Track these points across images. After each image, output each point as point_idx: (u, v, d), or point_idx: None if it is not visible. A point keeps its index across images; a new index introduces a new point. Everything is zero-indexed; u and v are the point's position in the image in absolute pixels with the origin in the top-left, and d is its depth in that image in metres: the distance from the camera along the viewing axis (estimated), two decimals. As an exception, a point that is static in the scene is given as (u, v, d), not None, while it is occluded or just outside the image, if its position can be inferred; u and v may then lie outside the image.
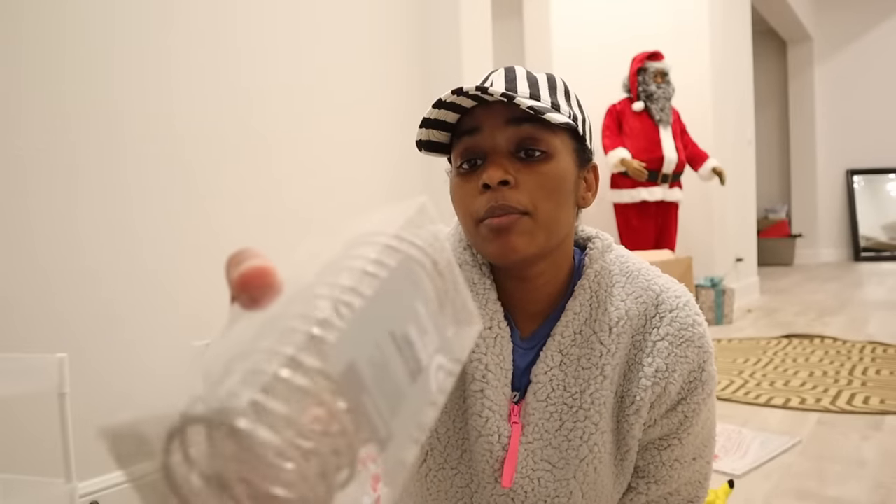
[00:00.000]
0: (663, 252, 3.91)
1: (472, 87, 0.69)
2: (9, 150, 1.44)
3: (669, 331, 0.77)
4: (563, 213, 0.74)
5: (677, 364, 0.76)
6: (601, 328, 0.77)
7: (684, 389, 0.77)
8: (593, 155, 0.81)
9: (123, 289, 1.61)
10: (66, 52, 1.53)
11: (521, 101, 0.68)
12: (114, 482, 1.57)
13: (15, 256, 1.44)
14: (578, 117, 0.76)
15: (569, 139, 0.75)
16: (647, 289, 0.79)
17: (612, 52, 4.67)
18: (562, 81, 0.78)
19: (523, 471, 0.76)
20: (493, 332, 0.77)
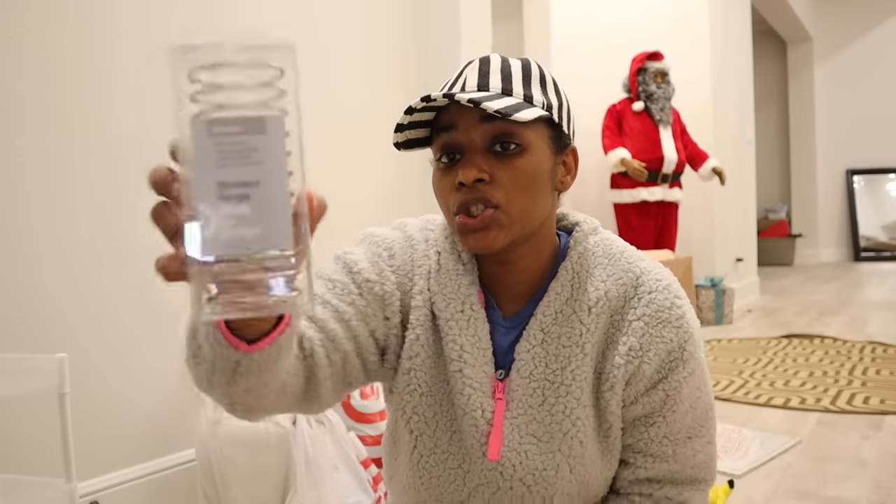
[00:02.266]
0: (663, 252, 3.92)
1: (440, 95, 0.72)
2: (9, 151, 1.44)
3: (646, 311, 0.79)
4: (538, 204, 0.77)
5: (652, 344, 0.78)
6: (581, 308, 0.80)
7: (663, 368, 0.78)
8: (571, 139, 0.82)
9: (124, 289, 1.61)
10: (66, 53, 1.53)
11: (488, 106, 0.70)
12: (114, 482, 1.57)
13: (15, 256, 1.44)
14: (554, 104, 0.78)
15: (544, 128, 0.77)
16: (627, 270, 0.81)
17: (612, 52, 4.67)
18: (537, 68, 0.79)
19: (510, 444, 0.79)
20: (465, 314, 0.81)
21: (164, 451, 1.69)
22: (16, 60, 1.45)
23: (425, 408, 0.83)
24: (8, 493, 1.24)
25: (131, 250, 1.63)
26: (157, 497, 1.65)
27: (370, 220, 2.55)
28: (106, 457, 1.57)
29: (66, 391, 1.19)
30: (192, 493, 1.69)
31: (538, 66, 0.80)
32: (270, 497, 1.60)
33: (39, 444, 1.42)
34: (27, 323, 1.45)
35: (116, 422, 1.59)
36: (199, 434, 1.63)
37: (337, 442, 1.58)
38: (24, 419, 1.43)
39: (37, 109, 1.48)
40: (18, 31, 1.45)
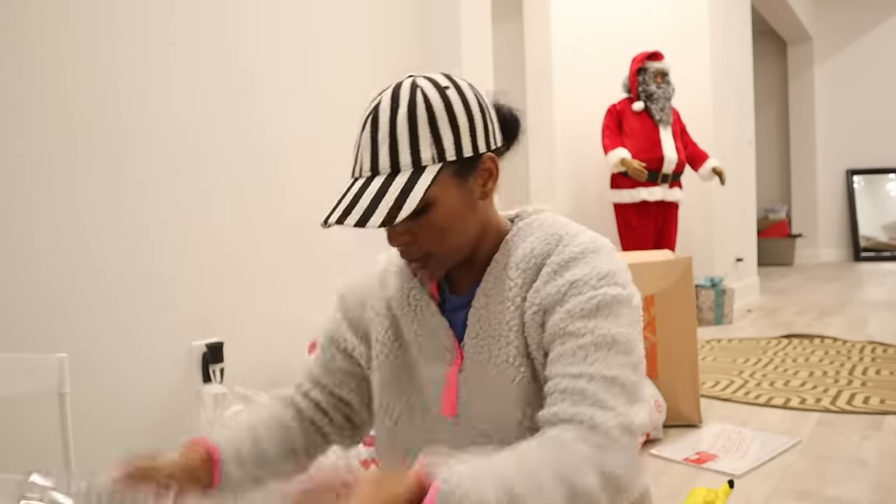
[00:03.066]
0: (663, 252, 3.90)
1: (333, 220, 0.81)
2: (9, 151, 1.44)
3: (556, 259, 0.86)
4: (463, 234, 0.87)
5: (554, 280, 0.84)
6: (511, 266, 0.88)
7: (563, 300, 0.82)
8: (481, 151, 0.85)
9: (124, 289, 1.61)
10: (67, 53, 1.53)
11: (371, 225, 0.78)
12: (114, 482, 1.57)
13: (16, 256, 1.44)
14: (447, 142, 0.82)
15: (444, 173, 0.83)
16: (553, 233, 0.89)
17: (612, 52, 4.67)
18: (424, 108, 0.82)
19: (466, 400, 0.88)
20: (411, 304, 0.93)
21: (164, 451, 1.69)
22: (16, 60, 1.45)
23: (398, 394, 0.95)
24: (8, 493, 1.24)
25: (131, 250, 1.63)
26: (157, 497, 1.65)
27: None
28: (106, 457, 1.57)
29: (66, 391, 1.19)
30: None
31: (427, 102, 0.82)
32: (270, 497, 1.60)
33: (39, 444, 1.42)
34: (27, 323, 1.45)
35: (116, 422, 1.59)
36: (199, 434, 1.63)
37: (337, 442, 1.58)
38: (24, 419, 1.43)
39: (37, 109, 1.48)
40: (18, 31, 1.45)
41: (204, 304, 1.78)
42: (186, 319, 1.74)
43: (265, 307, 1.95)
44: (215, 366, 1.76)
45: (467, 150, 0.84)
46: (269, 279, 1.96)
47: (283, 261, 2.01)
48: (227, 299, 1.85)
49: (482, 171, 0.87)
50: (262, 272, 1.94)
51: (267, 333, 1.95)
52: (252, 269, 1.92)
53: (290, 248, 2.03)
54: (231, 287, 1.86)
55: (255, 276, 1.92)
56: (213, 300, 1.81)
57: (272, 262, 1.97)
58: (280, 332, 1.98)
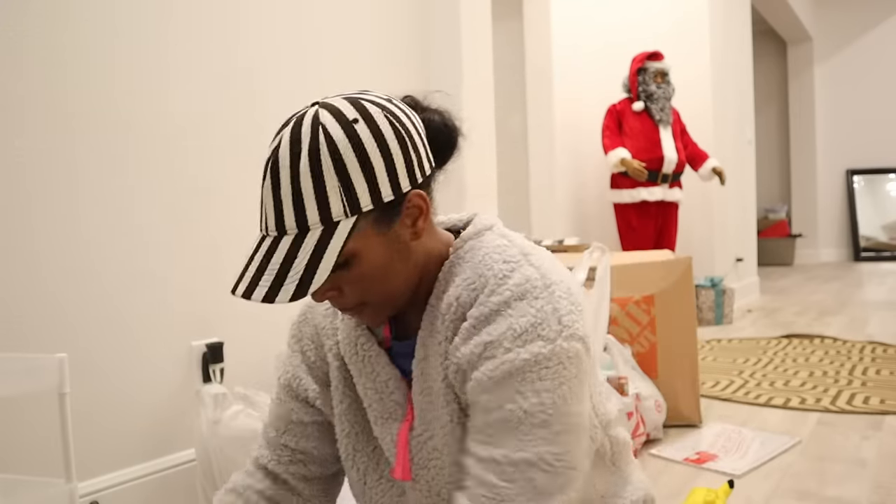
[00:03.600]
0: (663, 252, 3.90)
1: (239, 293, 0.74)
2: (9, 151, 1.44)
3: (476, 313, 0.76)
4: (394, 280, 0.77)
5: (471, 339, 0.75)
6: (437, 317, 0.80)
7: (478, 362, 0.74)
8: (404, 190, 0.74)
9: (124, 289, 1.61)
10: (66, 53, 1.53)
11: (280, 301, 0.70)
12: (114, 482, 1.57)
13: (15, 256, 1.44)
14: (361, 192, 0.70)
15: (360, 223, 0.72)
16: (480, 275, 0.77)
17: (612, 52, 4.67)
18: (328, 153, 0.70)
19: (419, 462, 0.81)
20: (359, 354, 0.85)
21: (164, 451, 1.69)
22: (16, 60, 1.45)
23: (362, 445, 0.88)
24: (8, 493, 1.24)
25: (132, 250, 1.63)
26: (157, 497, 1.65)
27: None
28: (106, 457, 1.57)
29: (66, 391, 1.19)
30: (192, 493, 1.69)
31: (331, 146, 0.70)
32: (270, 497, 1.60)
33: (39, 444, 1.42)
34: (28, 322, 1.45)
35: (116, 422, 1.59)
36: (199, 434, 1.63)
37: (337, 442, 1.58)
38: (24, 419, 1.43)
39: (37, 109, 1.48)
40: (18, 31, 1.45)
41: (204, 305, 1.78)
42: (186, 319, 1.74)
43: (265, 307, 1.95)
44: (215, 366, 1.76)
45: (387, 195, 0.72)
46: (269, 279, 1.96)
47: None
48: (227, 299, 1.85)
49: (410, 210, 0.76)
50: (262, 272, 1.94)
51: (267, 333, 1.95)
52: (252, 269, 1.91)
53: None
54: (231, 287, 1.85)
55: (255, 276, 1.92)
56: (213, 300, 1.81)
57: (272, 262, 1.97)
58: (280, 332, 1.98)
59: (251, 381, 1.82)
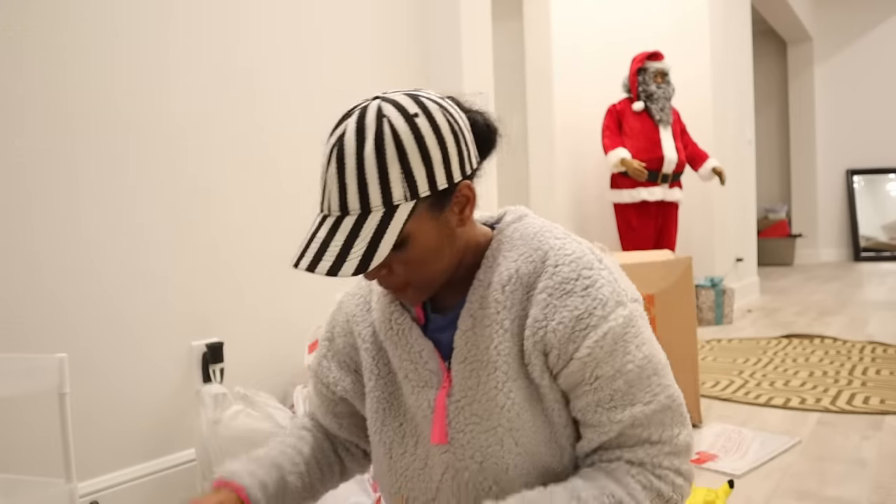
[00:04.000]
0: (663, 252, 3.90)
1: (303, 266, 0.78)
2: (9, 151, 1.44)
3: (549, 284, 0.83)
4: (440, 264, 0.84)
5: (556, 313, 0.81)
6: (496, 288, 0.85)
7: (576, 337, 0.81)
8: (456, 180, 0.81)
9: (124, 289, 1.61)
10: (66, 53, 1.53)
11: (343, 274, 0.75)
12: (114, 482, 1.57)
13: (15, 256, 1.44)
14: (419, 177, 0.77)
15: (419, 205, 0.79)
16: (536, 248, 0.86)
17: (612, 52, 4.67)
18: (392, 140, 0.77)
19: (456, 426, 0.86)
20: (394, 328, 0.91)
21: (164, 451, 1.69)
22: (16, 60, 1.45)
23: (389, 420, 0.94)
24: (8, 493, 1.24)
25: (132, 250, 1.63)
26: (157, 497, 1.65)
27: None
28: (106, 457, 1.57)
29: (66, 391, 1.19)
30: (192, 494, 1.69)
31: (394, 135, 0.77)
32: (270, 497, 1.60)
33: (39, 444, 1.42)
34: (28, 323, 1.45)
35: (116, 422, 1.59)
36: (199, 434, 1.63)
37: (337, 442, 1.58)
38: (24, 419, 1.43)
39: (37, 109, 1.48)
40: (18, 31, 1.45)
41: (204, 305, 1.78)
42: (186, 319, 1.74)
43: (265, 307, 1.95)
44: (215, 366, 1.77)
45: (441, 183, 0.79)
46: (269, 279, 1.96)
47: (283, 260, 2.01)
48: (227, 299, 1.85)
49: (458, 199, 0.83)
50: (261, 272, 1.94)
51: (267, 333, 1.95)
52: (252, 269, 1.92)
53: (290, 248, 2.03)
54: (231, 287, 1.86)
55: (255, 276, 1.92)
56: (212, 300, 1.81)
57: (272, 262, 1.97)
58: (280, 332, 1.98)
59: (251, 381, 1.82)
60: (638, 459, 0.82)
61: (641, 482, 0.81)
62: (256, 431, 1.59)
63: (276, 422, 1.62)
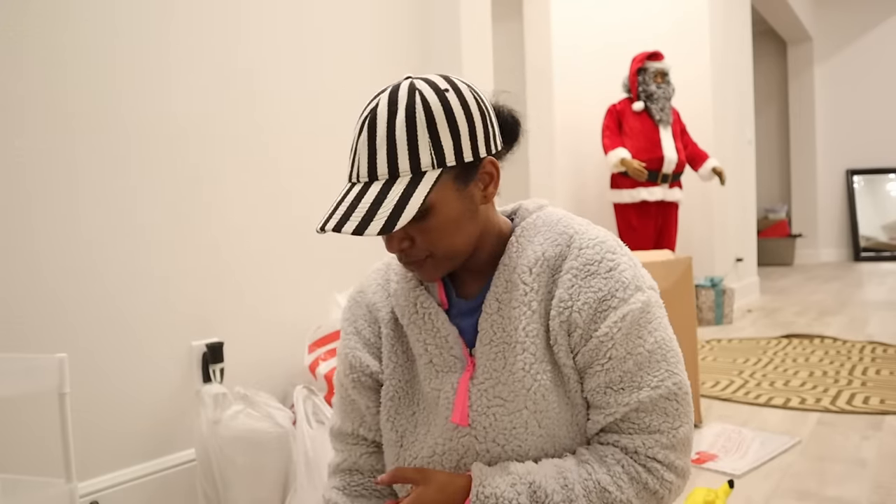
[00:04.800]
0: (663, 252, 3.91)
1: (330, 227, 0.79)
2: (9, 151, 1.44)
3: (574, 265, 0.86)
4: (461, 238, 0.86)
5: (580, 293, 0.84)
6: (523, 270, 0.87)
7: (598, 317, 0.84)
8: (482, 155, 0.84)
9: (124, 289, 1.61)
10: (66, 53, 1.53)
11: (369, 233, 0.77)
12: (114, 482, 1.57)
13: (16, 256, 1.44)
14: (447, 147, 0.80)
15: (444, 178, 0.82)
16: (562, 233, 0.89)
17: (612, 52, 4.67)
18: (423, 112, 0.80)
19: (478, 409, 0.86)
20: (419, 313, 0.91)
21: (164, 451, 1.69)
22: (16, 60, 1.45)
23: (403, 408, 0.94)
24: (8, 493, 1.24)
25: (132, 250, 1.63)
26: (157, 497, 1.65)
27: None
28: (106, 457, 1.57)
29: (66, 391, 1.19)
30: (192, 493, 1.69)
31: (425, 106, 0.80)
32: (270, 497, 1.60)
33: (39, 444, 1.43)
34: (28, 323, 1.45)
35: (116, 422, 1.59)
36: (199, 434, 1.63)
37: (337, 442, 1.57)
38: (24, 419, 1.43)
39: (37, 109, 1.48)
40: (18, 31, 1.45)
41: (204, 305, 1.78)
42: (186, 319, 1.74)
43: (265, 307, 1.95)
44: (215, 366, 1.77)
45: (467, 155, 0.82)
46: (270, 279, 1.96)
47: (284, 261, 2.01)
48: (227, 299, 1.85)
49: (483, 175, 0.86)
50: (262, 272, 1.94)
51: (267, 333, 1.95)
52: (252, 269, 1.92)
53: (290, 248, 2.03)
54: (231, 287, 1.86)
55: (255, 276, 1.92)
56: (212, 300, 1.81)
57: (272, 262, 1.97)
58: (280, 332, 1.98)
59: (251, 381, 1.82)
60: (633, 447, 0.84)
61: (629, 473, 0.83)
62: (256, 431, 1.60)
63: (276, 422, 1.62)
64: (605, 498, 0.81)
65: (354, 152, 0.83)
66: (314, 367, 1.85)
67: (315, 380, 1.84)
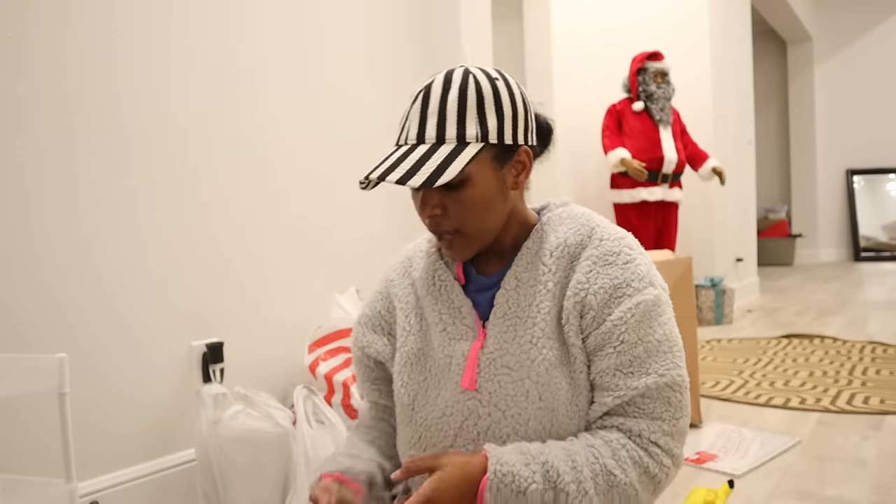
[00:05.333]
0: (663, 252, 3.91)
1: (375, 176, 0.86)
2: (9, 151, 1.44)
3: (594, 253, 0.91)
4: (491, 217, 0.92)
5: (597, 278, 0.90)
6: (545, 254, 0.94)
7: (611, 303, 0.89)
8: (523, 142, 0.92)
9: (124, 289, 1.61)
10: (66, 53, 1.53)
11: (411, 185, 0.83)
12: (114, 482, 1.57)
13: (15, 256, 1.44)
14: (491, 126, 0.88)
15: (485, 153, 0.88)
16: (584, 224, 0.95)
17: (612, 52, 4.67)
18: (475, 92, 0.88)
19: (485, 375, 0.91)
20: (436, 285, 0.98)
21: (164, 451, 1.69)
22: (16, 60, 1.45)
23: (415, 375, 0.98)
24: (8, 493, 1.25)
25: (132, 250, 1.63)
26: (157, 497, 1.65)
27: (370, 214, 2.55)
28: (106, 457, 1.57)
29: (66, 391, 1.19)
30: (192, 493, 1.69)
31: (478, 87, 0.88)
32: (270, 497, 1.60)
33: (39, 444, 1.42)
34: (27, 322, 1.45)
35: (116, 422, 1.59)
36: (199, 434, 1.63)
37: (337, 442, 1.58)
38: (24, 419, 1.43)
39: (37, 109, 1.48)
40: (18, 31, 1.45)
41: (204, 304, 1.78)
42: (186, 319, 1.74)
43: (265, 307, 1.95)
44: (215, 366, 1.77)
45: (508, 138, 0.89)
46: (269, 279, 1.96)
47: (284, 261, 2.01)
48: (227, 299, 1.85)
49: (517, 162, 0.92)
50: (262, 272, 1.94)
51: (267, 333, 1.95)
52: (252, 269, 1.92)
53: (290, 248, 2.03)
54: (231, 287, 1.86)
55: (255, 276, 1.92)
56: (212, 300, 1.81)
57: (272, 262, 1.97)
58: (280, 332, 1.98)
59: (251, 381, 1.82)
60: (637, 430, 0.88)
61: (633, 457, 0.86)
62: (256, 431, 1.60)
63: (276, 422, 1.62)
64: (610, 481, 0.85)
65: (406, 118, 0.90)
66: (314, 367, 1.85)
67: (315, 380, 1.84)
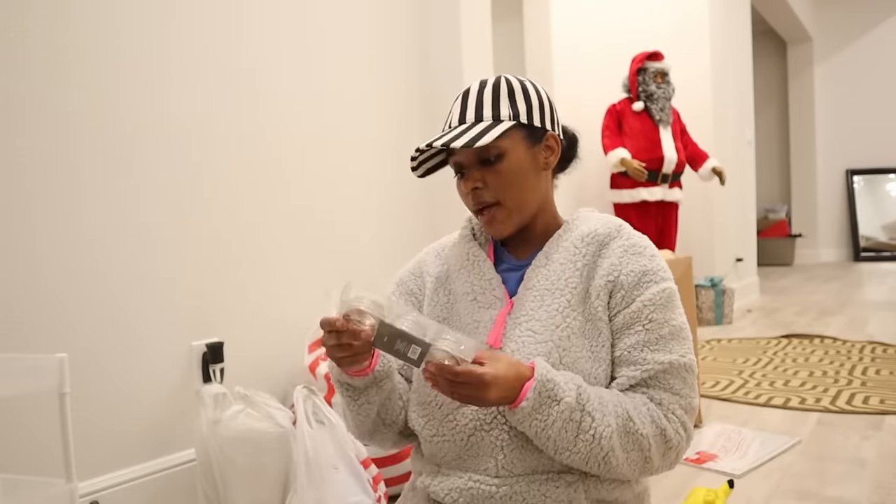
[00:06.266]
0: (663, 252, 3.90)
1: (424, 145, 1.00)
2: (11, 151, 1.44)
3: (624, 243, 1.02)
4: (528, 190, 1.03)
5: (629, 263, 1.00)
6: (577, 238, 1.04)
7: (640, 285, 0.98)
8: (549, 128, 1.04)
9: (124, 289, 1.61)
10: (67, 53, 1.53)
11: (455, 145, 0.96)
12: (114, 482, 1.57)
13: (16, 256, 1.44)
14: (522, 110, 1.01)
15: (516, 131, 1.01)
16: (612, 221, 1.06)
17: (612, 52, 4.67)
18: (506, 85, 1.03)
19: (510, 336, 1.00)
20: (469, 260, 1.08)
21: (164, 451, 1.69)
22: (17, 61, 1.45)
23: None
24: (8, 493, 1.25)
25: (132, 250, 1.63)
26: (157, 497, 1.65)
27: (369, 214, 2.54)
28: (106, 457, 1.57)
29: (67, 391, 1.19)
30: (192, 493, 1.69)
31: (508, 82, 1.03)
32: (270, 497, 1.60)
33: (39, 444, 1.43)
34: (28, 322, 1.45)
35: (116, 422, 1.59)
36: (199, 434, 1.63)
37: (337, 442, 1.58)
38: (24, 419, 1.43)
39: (38, 109, 1.48)
40: (20, 32, 1.45)
41: (204, 304, 1.79)
42: (186, 319, 1.74)
43: (265, 307, 1.95)
44: (215, 366, 1.77)
45: (536, 121, 1.02)
46: (270, 279, 1.96)
47: (284, 261, 2.01)
48: (227, 299, 1.85)
49: (545, 146, 1.04)
50: (262, 272, 1.94)
51: (267, 333, 1.95)
52: (252, 269, 1.92)
53: (291, 248, 2.03)
54: (231, 287, 1.86)
55: (255, 276, 1.92)
56: (213, 300, 1.81)
57: (273, 262, 1.97)
58: (280, 332, 1.98)
59: (251, 381, 1.82)
60: (659, 399, 0.96)
61: (652, 416, 0.94)
62: (256, 431, 1.60)
63: (276, 422, 1.62)
64: (628, 427, 0.92)
65: (448, 114, 1.05)
66: (314, 367, 1.85)
67: (315, 380, 1.84)
